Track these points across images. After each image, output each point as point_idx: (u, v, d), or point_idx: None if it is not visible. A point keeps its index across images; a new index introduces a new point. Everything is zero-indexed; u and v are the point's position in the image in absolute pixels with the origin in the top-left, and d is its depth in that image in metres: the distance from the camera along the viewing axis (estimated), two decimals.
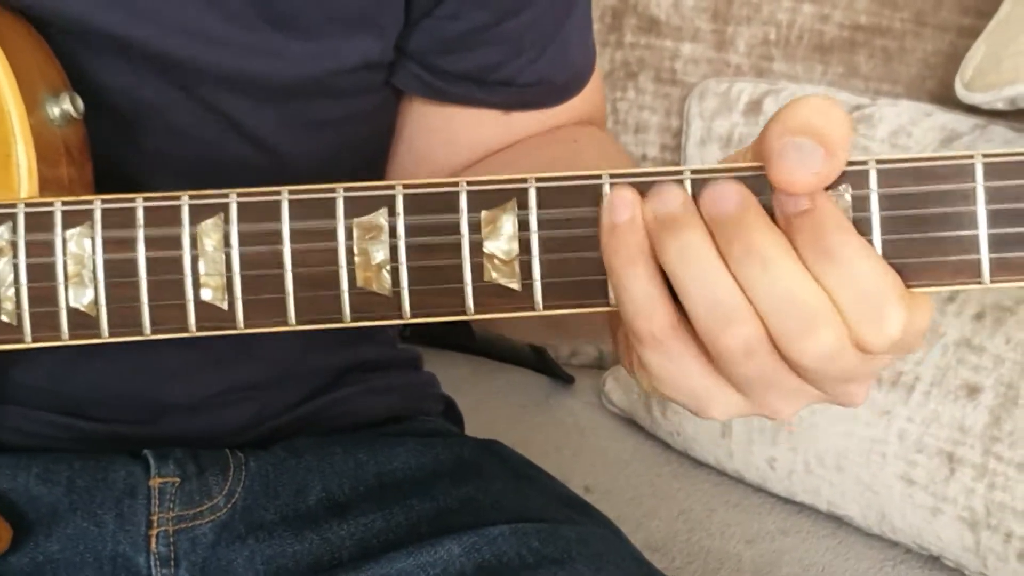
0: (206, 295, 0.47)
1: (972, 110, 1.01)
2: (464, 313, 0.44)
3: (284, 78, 0.60)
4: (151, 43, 0.57)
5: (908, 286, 0.41)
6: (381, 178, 0.72)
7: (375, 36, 0.62)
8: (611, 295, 0.43)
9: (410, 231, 0.45)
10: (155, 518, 0.63)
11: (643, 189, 0.42)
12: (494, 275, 0.44)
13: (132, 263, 0.47)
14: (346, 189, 0.45)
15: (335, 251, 0.45)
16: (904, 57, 1.10)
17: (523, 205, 0.44)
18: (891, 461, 0.91)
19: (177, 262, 0.47)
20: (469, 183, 0.44)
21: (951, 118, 1.00)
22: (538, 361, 1.12)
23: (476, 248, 0.44)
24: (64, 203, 0.48)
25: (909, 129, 1.01)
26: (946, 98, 1.05)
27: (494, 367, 1.14)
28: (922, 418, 0.90)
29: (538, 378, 1.13)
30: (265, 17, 0.58)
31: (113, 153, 0.57)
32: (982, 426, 0.88)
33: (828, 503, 0.95)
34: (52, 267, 0.48)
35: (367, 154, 0.70)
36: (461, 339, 1.13)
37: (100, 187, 0.56)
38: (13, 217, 0.48)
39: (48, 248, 0.48)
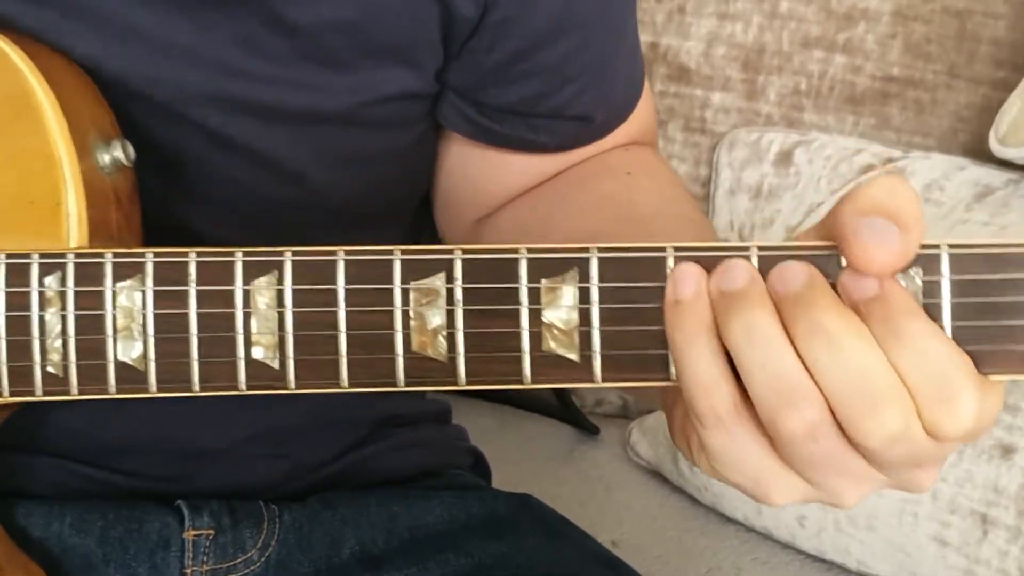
0: (257, 353, 0.46)
1: (1005, 164, 1.00)
2: (520, 382, 0.44)
3: (322, 111, 0.60)
4: (186, 84, 0.57)
5: (979, 373, 0.40)
6: (414, 213, 0.72)
7: (411, 69, 0.61)
8: (671, 370, 0.43)
9: (468, 297, 0.44)
10: (189, 571, 0.63)
11: (707, 263, 0.42)
12: (552, 345, 0.43)
13: (183, 318, 0.47)
14: (403, 252, 0.45)
15: (391, 314, 0.44)
16: (936, 109, 1.10)
17: (584, 275, 0.43)
18: (923, 522, 0.90)
19: (229, 319, 0.46)
20: (530, 250, 0.43)
21: (984, 172, 1.00)
22: (563, 411, 1.11)
23: (535, 317, 0.43)
24: (115, 255, 0.48)
25: (942, 183, 1.00)
26: (979, 151, 1.05)
27: (519, 416, 1.12)
28: (956, 478, 0.89)
29: (563, 428, 1.11)
30: (302, 54, 0.58)
31: (159, 196, 0.57)
32: (1016, 487, 0.86)
33: (858, 562, 0.94)
34: (101, 320, 0.47)
35: (405, 189, 0.69)
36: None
37: (146, 227, 0.56)
38: (62, 267, 0.48)
39: (97, 300, 0.47)
